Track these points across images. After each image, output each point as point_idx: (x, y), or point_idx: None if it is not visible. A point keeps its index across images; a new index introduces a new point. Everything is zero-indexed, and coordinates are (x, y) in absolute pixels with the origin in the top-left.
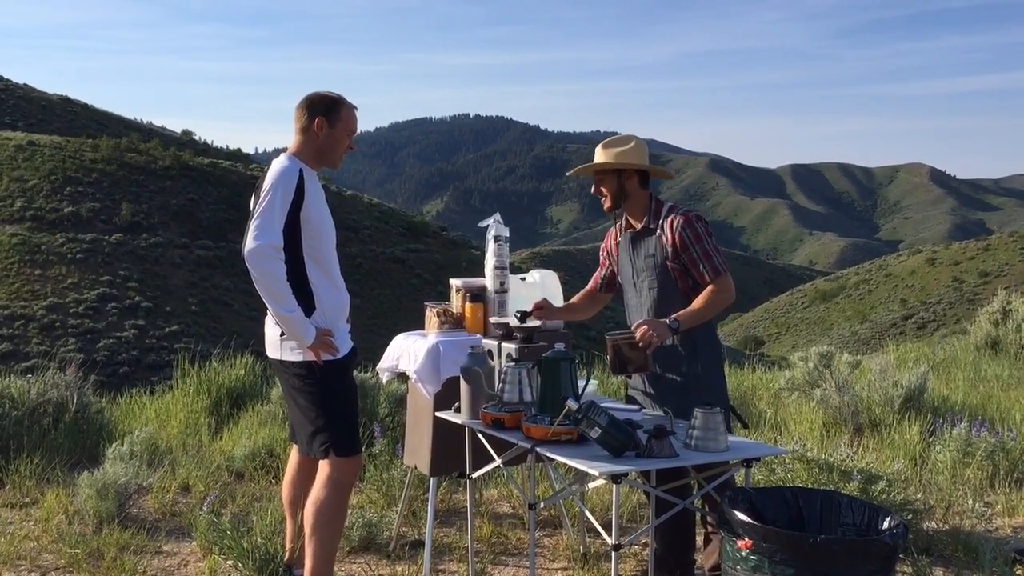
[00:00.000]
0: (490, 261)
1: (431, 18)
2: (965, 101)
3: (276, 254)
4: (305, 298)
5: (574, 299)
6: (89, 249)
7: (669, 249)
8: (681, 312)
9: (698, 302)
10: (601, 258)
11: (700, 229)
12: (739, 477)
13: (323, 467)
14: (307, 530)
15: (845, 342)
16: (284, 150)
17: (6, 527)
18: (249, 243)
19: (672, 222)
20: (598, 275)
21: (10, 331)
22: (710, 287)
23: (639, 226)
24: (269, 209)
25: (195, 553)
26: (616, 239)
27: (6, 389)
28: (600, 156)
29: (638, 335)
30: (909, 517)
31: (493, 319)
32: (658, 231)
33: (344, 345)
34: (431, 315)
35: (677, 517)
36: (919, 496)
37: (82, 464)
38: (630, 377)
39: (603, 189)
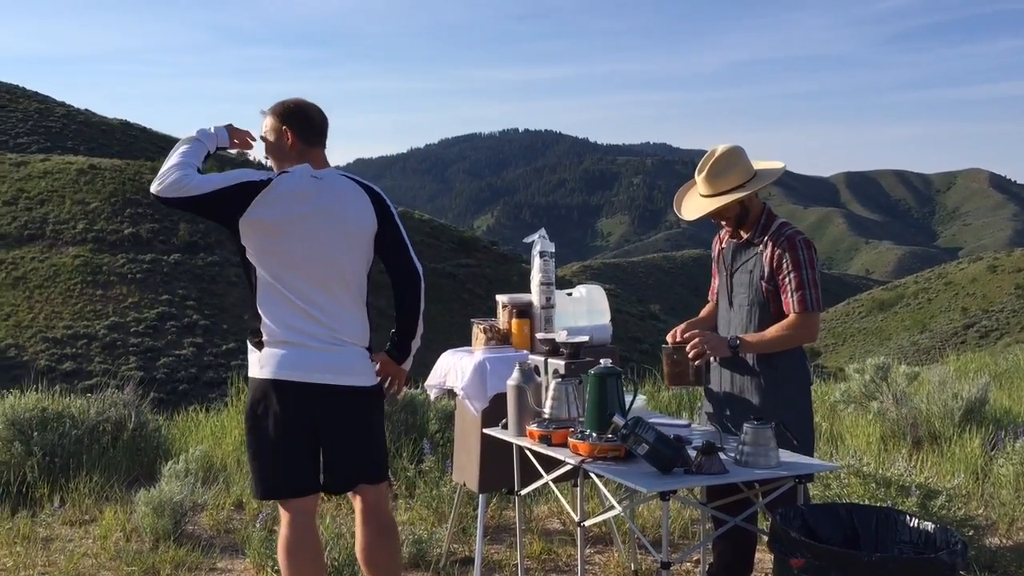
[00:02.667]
0: (536, 277)
1: (478, 35)
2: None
3: None
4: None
5: (705, 314)
6: (149, 269)
7: (766, 268)
8: (749, 334)
9: (771, 331)
10: (713, 267)
11: (803, 256)
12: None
13: (380, 492)
14: (393, 561)
15: (904, 352)
16: (339, 168)
17: (66, 545)
18: (420, 271)
19: (777, 240)
20: (714, 286)
21: (74, 350)
22: (791, 319)
23: (745, 237)
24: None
25: (248, 570)
26: (721, 244)
27: (67, 408)
28: (708, 186)
29: (688, 347)
30: (970, 533)
31: (539, 335)
32: (761, 246)
33: None
34: (478, 331)
35: (737, 536)
36: (981, 511)
37: (139, 482)
38: (702, 386)
39: (724, 217)
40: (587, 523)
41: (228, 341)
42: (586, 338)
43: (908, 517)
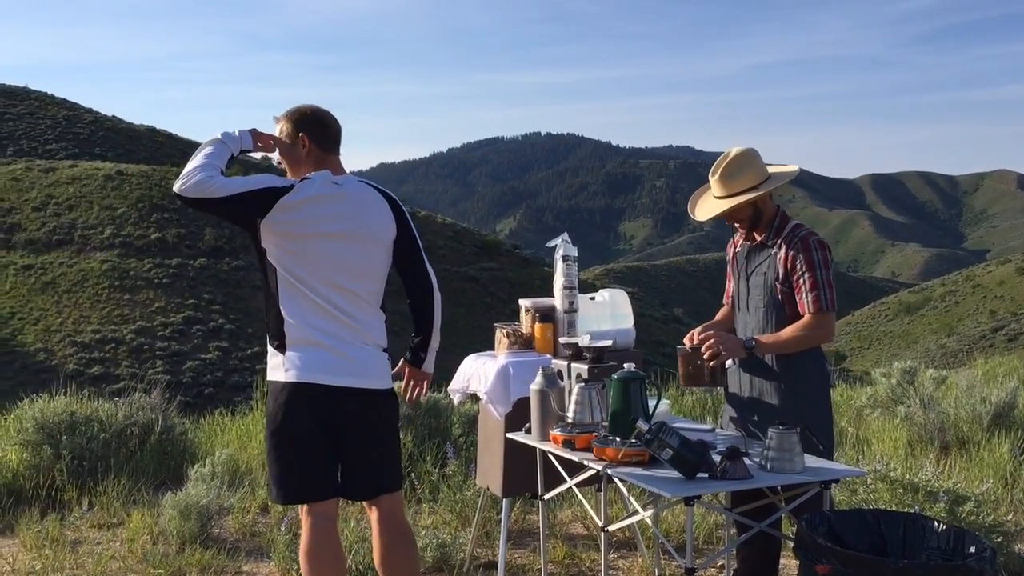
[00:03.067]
0: (559, 281)
1: (498, 39)
2: None
3: None
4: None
5: (720, 317)
6: (175, 274)
7: (780, 269)
8: (765, 335)
9: (787, 331)
10: (728, 271)
11: (817, 257)
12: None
13: (396, 500)
14: (411, 566)
15: (931, 356)
16: (361, 172)
17: (94, 547)
18: (433, 278)
19: (790, 242)
20: (729, 289)
21: (102, 354)
22: (806, 320)
23: (759, 239)
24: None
25: (274, 573)
26: (735, 248)
27: (95, 412)
28: (722, 187)
29: (704, 348)
30: (999, 540)
31: (562, 339)
32: (775, 248)
33: None
34: (501, 336)
35: (762, 542)
36: (1010, 517)
37: (166, 485)
38: (718, 387)
39: (738, 219)
40: (611, 528)
41: (253, 345)
42: (609, 342)
43: (936, 523)
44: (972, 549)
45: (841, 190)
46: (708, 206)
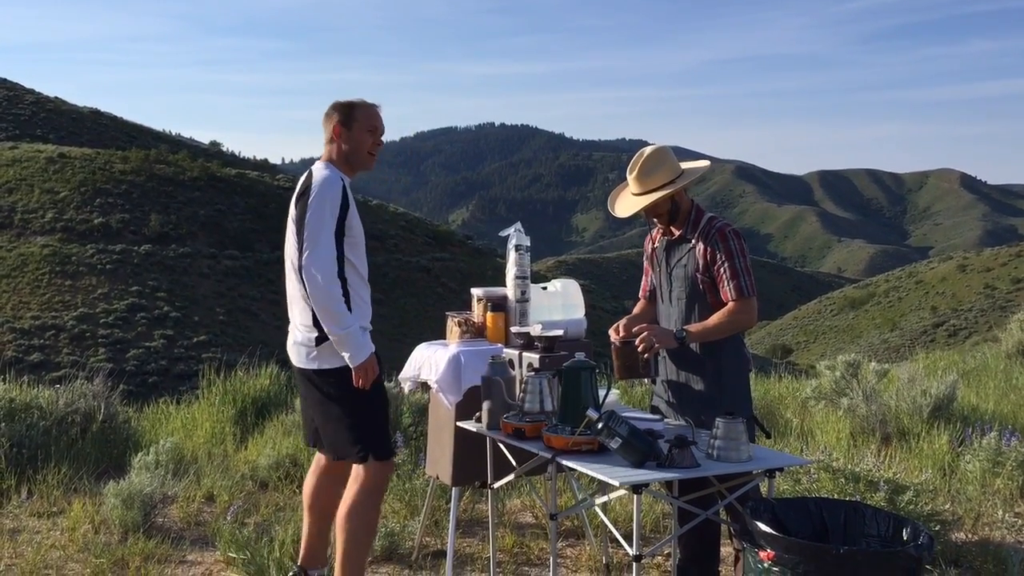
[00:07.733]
0: (511, 271)
1: (456, 29)
2: (995, 105)
3: (332, 267)
4: (345, 300)
5: (638, 310)
6: (119, 260)
7: (700, 261)
8: (693, 324)
9: (713, 319)
10: (645, 265)
11: (734, 246)
12: (763, 487)
13: (358, 472)
14: (340, 536)
15: (875, 350)
16: (313, 160)
17: (33, 536)
18: (305, 259)
19: (708, 234)
20: (646, 284)
21: (41, 341)
22: (730, 306)
23: (677, 234)
24: (319, 222)
25: (219, 563)
26: (654, 244)
27: (35, 399)
28: (639, 185)
29: (637, 340)
30: (937, 528)
31: (514, 328)
32: (693, 240)
33: (370, 347)
34: (452, 325)
35: (702, 528)
36: (947, 507)
37: (109, 474)
38: (649, 380)
39: (657, 213)
40: (559, 516)
41: (199, 333)
42: (560, 332)
43: (876, 511)
44: (911, 537)
45: (790, 186)
46: (628, 202)
